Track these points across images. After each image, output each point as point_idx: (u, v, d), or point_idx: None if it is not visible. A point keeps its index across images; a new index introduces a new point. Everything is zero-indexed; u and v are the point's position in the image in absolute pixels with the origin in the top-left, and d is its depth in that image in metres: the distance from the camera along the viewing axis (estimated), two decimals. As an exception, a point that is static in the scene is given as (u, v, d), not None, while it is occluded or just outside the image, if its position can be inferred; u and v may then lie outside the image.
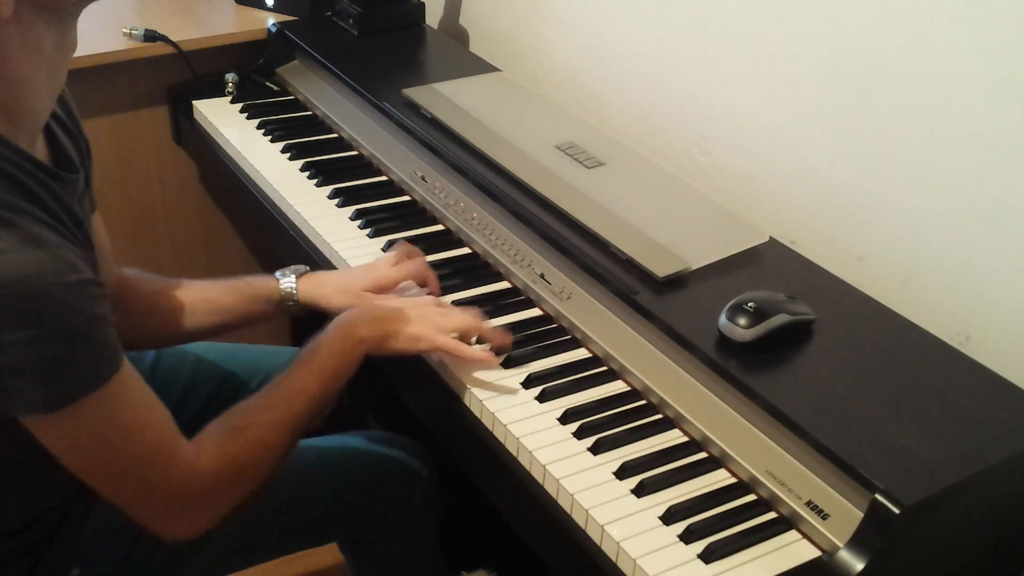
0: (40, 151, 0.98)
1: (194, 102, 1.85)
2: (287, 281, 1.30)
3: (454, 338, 1.19)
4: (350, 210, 1.52)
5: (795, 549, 0.99)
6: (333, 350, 1.14)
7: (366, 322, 1.16)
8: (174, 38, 1.83)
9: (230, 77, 1.86)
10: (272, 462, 1.07)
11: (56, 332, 0.85)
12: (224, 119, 1.80)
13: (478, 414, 1.16)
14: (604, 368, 1.21)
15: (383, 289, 1.29)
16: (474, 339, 1.22)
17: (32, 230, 0.86)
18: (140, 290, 1.27)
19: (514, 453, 1.11)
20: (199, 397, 1.35)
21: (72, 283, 0.87)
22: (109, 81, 1.85)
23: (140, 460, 0.96)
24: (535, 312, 1.31)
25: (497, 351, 1.21)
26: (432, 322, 1.18)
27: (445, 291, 1.33)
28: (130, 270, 1.28)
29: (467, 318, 1.20)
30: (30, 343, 0.84)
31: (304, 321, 1.34)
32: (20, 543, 1.06)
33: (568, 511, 1.04)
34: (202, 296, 1.29)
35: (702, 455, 1.09)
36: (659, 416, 1.15)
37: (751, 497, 1.05)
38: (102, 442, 0.93)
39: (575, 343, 1.25)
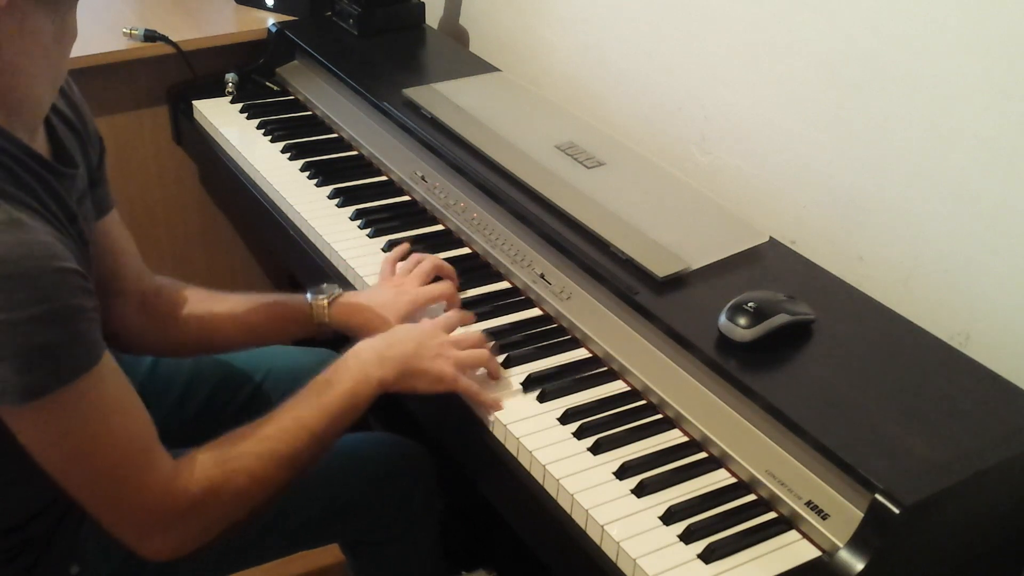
0: (40, 144, 0.98)
1: (194, 102, 1.85)
2: (319, 305, 1.27)
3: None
4: (350, 210, 1.52)
5: (795, 549, 0.99)
6: (346, 389, 1.09)
7: (384, 363, 1.12)
8: (174, 38, 1.84)
9: (230, 77, 1.86)
10: (261, 495, 1.04)
11: (33, 317, 0.83)
12: (224, 119, 1.80)
13: (478, 414, 1.16)
14: (604, 368, 1.21)
15: (418, 309, 1.27)
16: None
17: (18, 215, 0.86)
18: (172, 300, 1.27)
19: (514, 453, 1.11)
20: (199, 395, 1.35)
21: (54, 269, 0.85)
22: (109, 81, 1.85)
23: (112, 465, 0.93)
24: (535, 312, 1.31)
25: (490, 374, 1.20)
26: (451, 358, 1.15)
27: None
28: (165, 279, 1.28)
29: (480, 355, 1.18)
30: (3, 326, 0.82)
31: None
32: (20, 540, 1.06)
33: (568, 511, 1.04)
34: (232, 313, 1.28)
35: (702, 455, 1.09)
36: (659, 416, 1.15)
37: (751, 497, 1.05)
38: (74, 440, 0.91)
39: (575, 343, 1.25)
